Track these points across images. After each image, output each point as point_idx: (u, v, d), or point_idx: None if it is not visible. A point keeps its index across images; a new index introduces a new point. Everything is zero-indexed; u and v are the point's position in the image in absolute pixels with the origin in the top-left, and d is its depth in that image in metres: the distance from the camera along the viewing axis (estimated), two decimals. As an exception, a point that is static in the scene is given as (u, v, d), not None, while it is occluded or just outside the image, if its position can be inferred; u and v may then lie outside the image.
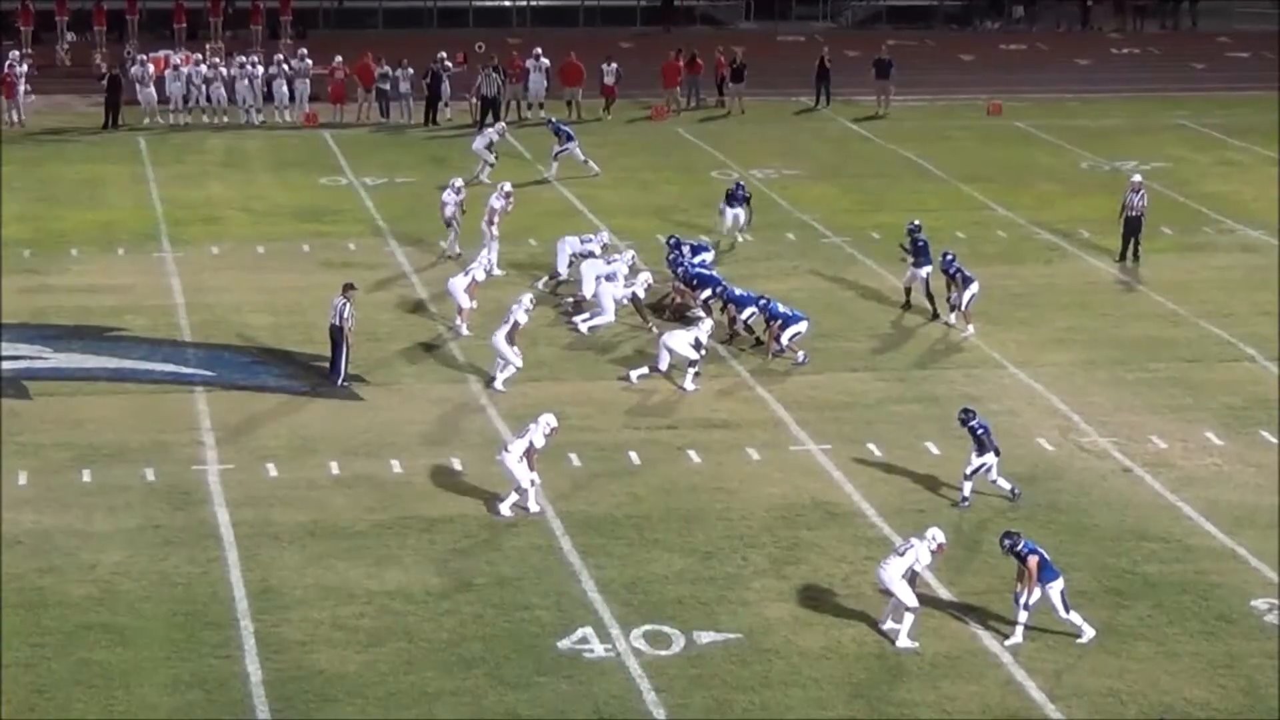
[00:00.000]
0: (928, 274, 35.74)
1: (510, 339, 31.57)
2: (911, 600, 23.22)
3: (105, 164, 48.18)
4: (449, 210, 39.19)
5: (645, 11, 71.95)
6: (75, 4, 64.27)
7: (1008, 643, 23.16)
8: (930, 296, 35.79)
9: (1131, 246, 39.99)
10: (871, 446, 29.33)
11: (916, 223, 36.75)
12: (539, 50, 54.71)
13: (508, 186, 39.72)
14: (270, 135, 52.14)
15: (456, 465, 28.55)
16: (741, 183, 41.87)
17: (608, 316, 34.76)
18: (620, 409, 31.06)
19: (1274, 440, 30.06)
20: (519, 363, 31.76)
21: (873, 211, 43.97)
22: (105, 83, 52.63)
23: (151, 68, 53.63)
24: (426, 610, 23.83)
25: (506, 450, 26.78)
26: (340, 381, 31.74)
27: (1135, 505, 27.55)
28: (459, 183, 39.83)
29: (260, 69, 53.71)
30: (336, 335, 31.78)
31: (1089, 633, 23.30)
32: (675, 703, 21.78)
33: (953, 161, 49.46)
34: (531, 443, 26.68)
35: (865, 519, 26.90)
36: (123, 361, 32.97)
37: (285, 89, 53.62)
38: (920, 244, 36.04)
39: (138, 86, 52.91)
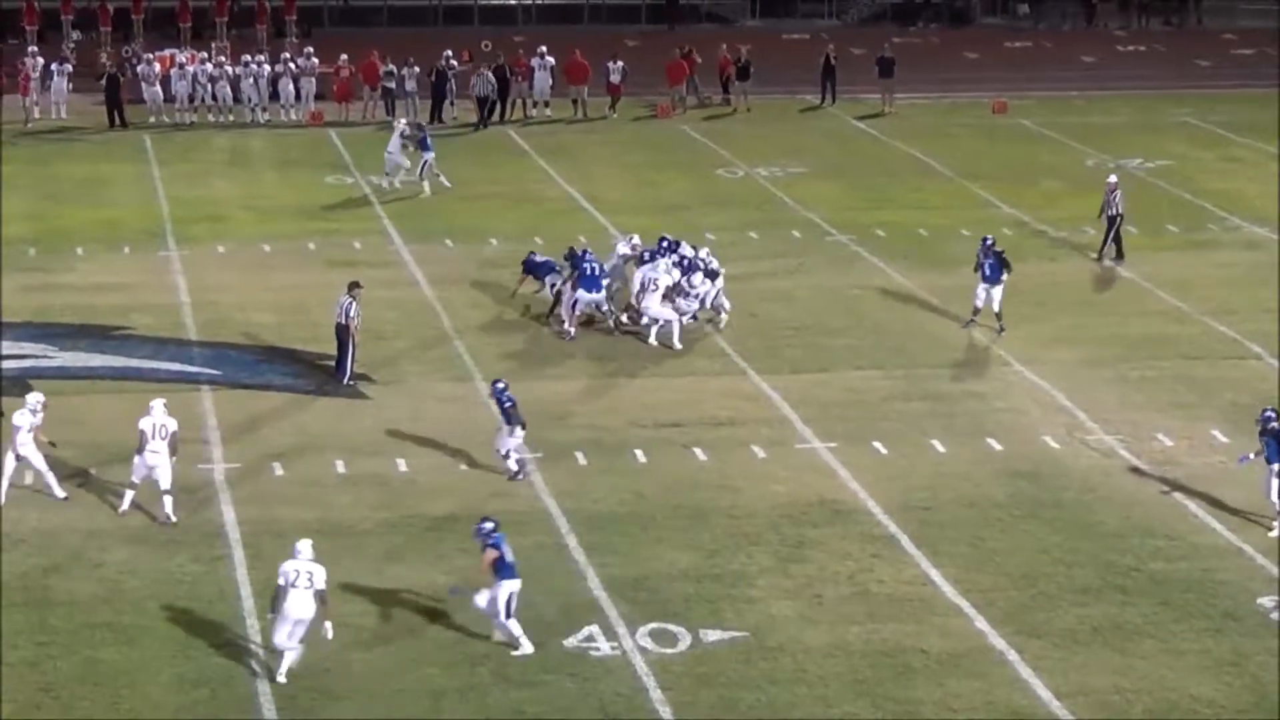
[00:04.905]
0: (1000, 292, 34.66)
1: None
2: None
3: (110, 162, 48.22)
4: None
5: (650, 9, 71.96)
6: (80, 3, 64.35)
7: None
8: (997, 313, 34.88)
9: (1114, 243, 39.71)
10: (877, 444, 29.32)
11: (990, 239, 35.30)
12: (544, 48, 54.78)
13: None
14: (275, 134, 52.17)
15: (461, 464, 28.56)
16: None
17: (672, 317, 34.05)
18: (625, 407, 31.05)
19: None
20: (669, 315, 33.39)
21: (877, 209, 43.94)
22: (104, 82, 52.64)
23: (157, 66, 53.74)
24: (432, 608, 23.83)
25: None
26: (346, 380, 31.75)
27: (1140, 502, 27.53)
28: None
29: (266, 68, 53.75)
30: (342, 334, 31.78)
31: (527, 646, 22.60)
32: (681, 700, 21.78)
33: (957, 159, 49.44)
34: (31, 424, 26.50)
35: (871, 517, 26.89)
36: (128, 360, 32.98)
37: (290, 88, 53.69)
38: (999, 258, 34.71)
39: (143, 85, 53.00)
